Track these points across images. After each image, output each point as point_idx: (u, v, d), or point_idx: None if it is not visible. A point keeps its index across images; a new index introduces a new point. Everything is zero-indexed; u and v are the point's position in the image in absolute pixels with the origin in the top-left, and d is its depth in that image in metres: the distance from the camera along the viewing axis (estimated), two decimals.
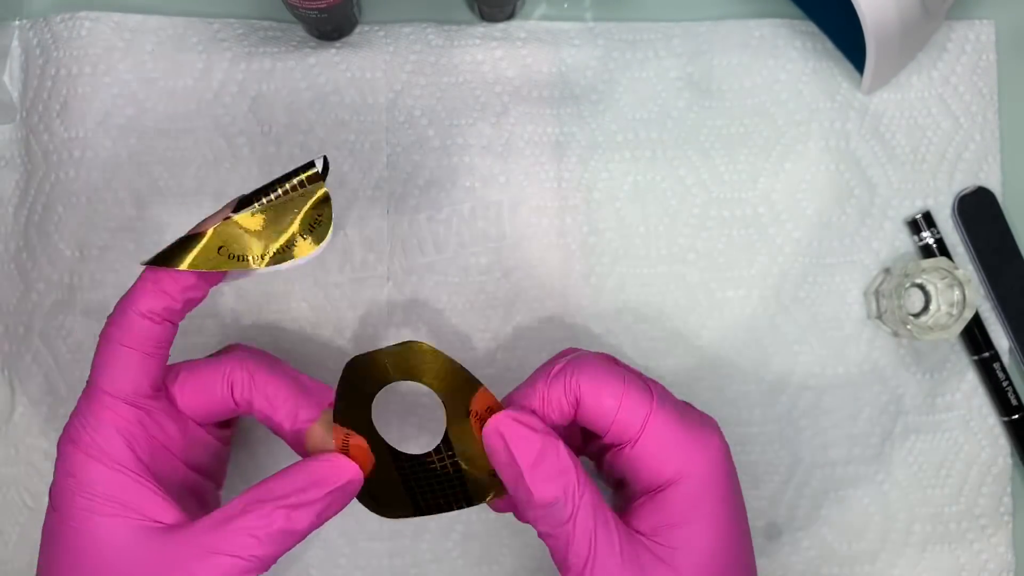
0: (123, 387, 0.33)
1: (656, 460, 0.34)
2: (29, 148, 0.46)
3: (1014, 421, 0.46)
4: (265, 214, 0.33)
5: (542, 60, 0.46)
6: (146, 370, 0.34)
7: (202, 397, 0.36)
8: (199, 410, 0.36)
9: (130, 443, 0.33)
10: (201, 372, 0.36)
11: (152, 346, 0.33)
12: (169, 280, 0.33)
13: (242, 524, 0.32)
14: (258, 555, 0.32)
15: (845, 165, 0.46)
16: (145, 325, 0.33)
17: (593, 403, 0.34)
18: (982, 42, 0.47)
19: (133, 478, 0.33)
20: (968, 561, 0.46)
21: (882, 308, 0.45)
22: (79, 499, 0.32)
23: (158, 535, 0.32)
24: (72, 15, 0.45)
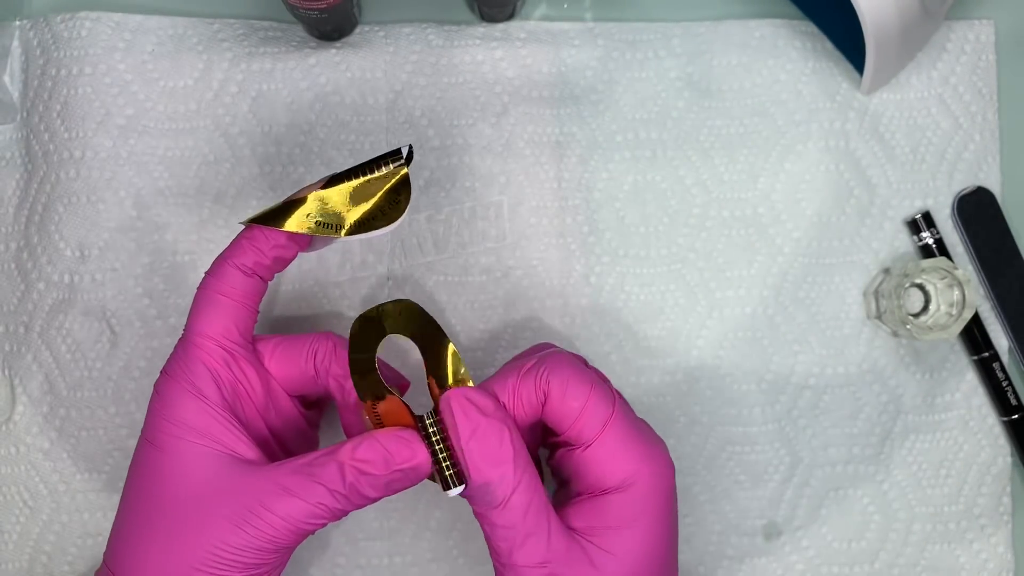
0: (213, 329, 0.36)
1: (607, 465, 0.35)
2: (29, 148, 0.46)
3: (1013, 421, 0.46)
4: (351, 190, 0.36)
5: (542, 60, 0.46)
6: (234, 317, 0.37)
7: (288, 361, 0.39)
8: (284, 373, 0.39)
9: (216, 379, 0.36)
10: (290, 340, 0.39)
11: (239, 295, 0.36)
12: (262, 237, 0.37)
13: (318, 474, 0.34)
14: (328, 505, 0.34)
15: (845, 165, 0.46)
16: (236, 275, 0.36)
17: (559, 402, 0.35)
18: (982, 42, 0.47)
19: (217, 412, 0.35)
20: (967, 561, 0.46)
21: (882, 308, 0.45)
22: (167, 424, 0.35)
23: (240, 468, 0.35)
24: (72, 15, 0.45)
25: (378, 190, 0.37)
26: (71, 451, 0.45)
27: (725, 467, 0.46)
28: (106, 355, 0.45)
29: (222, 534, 0.34)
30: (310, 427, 0.41)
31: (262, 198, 0.45)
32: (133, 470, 0.36)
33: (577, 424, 0.35)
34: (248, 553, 0.34)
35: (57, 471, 0.45)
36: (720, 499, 0.46)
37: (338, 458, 0.34)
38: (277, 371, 0.39)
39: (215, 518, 0.34)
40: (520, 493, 0.34)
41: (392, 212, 0.37)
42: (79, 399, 0.45)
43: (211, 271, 0.37)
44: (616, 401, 0.36)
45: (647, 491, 0.35)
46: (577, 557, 0.35)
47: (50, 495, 0.45)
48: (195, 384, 0.36)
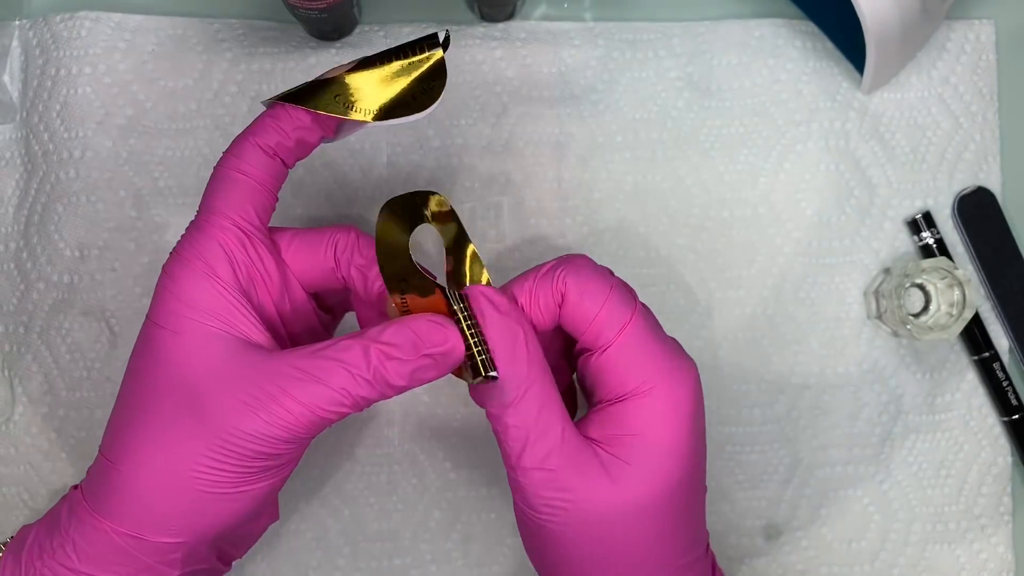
0: (231, 208, 0.34)
1: (622, 369, 0.34)
2: (29, 148, 0.46)
3: (1014, 421, 0.46)
4: (383, 75, 0.35)
5: (542, 60, 0.46)
6: (254, 199, 0.35)
7: (307, 252, 0.37)
8: (302, 265, 0.37)
9: (230, 259, 0.34)
10: (309, 233, 0.37)
11: (260, 176, 0.35)
12: (286, 116, 0.35)
13: (339, 356, 0.32)
14: (349, 390, 0.32)
15: (845, 165, 0.46)
16: (258, 154, 0.35)
17: (575, 304, 0.34)
18: (982, 42, 0.47)
19: (229, 292, 0.33)
20: (968, 561, 0.46)
21: (882, 308, 0.45)
22: (175, 304, 0.33)
23: (254, 352, 0.33)
24: (72, 15, 0.45)
25: (413, 74, 0.35)
26: (70, 451, 0.45)
27: (725, 467, 0.46)
28: (105, 355, 0.45)
29: (235, 419, 0.32)
30: (325, 331, 0.40)
31: None
32: (136, 353, 0.34)
33: (593, 327, 0.34)
34: (260, 441, 0.32)
35: (56, 471, 0.45)
36: (720, 499, 0.46)
37: (364, 340, 0.32)
38: (295, 263, 0.37)
39: (227, 401, 0.32)
40: (532, 393, 0.33)
41: (424, 99, 0.35)
42: (78, 399, 0.45)
43: (231, 149, 0.35)
44: (637, 307, 0.35)
45: (666, 397, 0.34)
46: (590, 465, 0.33)
47: (49, 495, 0.45)
48: (208, 264, 0.34)
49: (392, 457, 0.45)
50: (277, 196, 0.36)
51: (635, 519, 0.33)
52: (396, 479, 0.45)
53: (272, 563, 0.45)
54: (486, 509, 0.45)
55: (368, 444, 0.45)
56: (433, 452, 0.45)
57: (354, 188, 0.45)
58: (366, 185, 0.45)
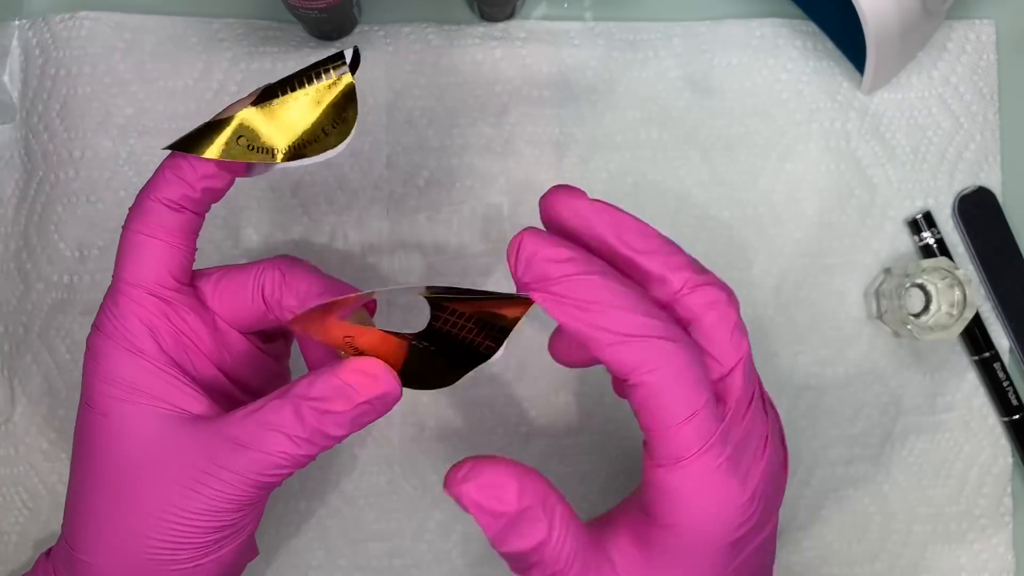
0: (143, 276, 0.32)
1: (671, 501, 0.30)
2: (29, 148, 0.45)
3: (1014, 421, 0.46)
4: (288, 105, 0.32)
5: (542, 60, 0.46)
6: (165, 260, 0.32)
7: (233, 298, 0.34)
8: (231, 312, 0.35)
9: (153, 333, 0.32)
10: (234, 273, 0.35)
11: (169, 234, 0.32)
12: (187, 167, 0.32)
13: (273, 420, 0.30)
14: (289, 452, 0.30)
15: (845, 165, 0.46)
16: (162, 211, 0.32)
17: (650, 405, 0.29)
18: (982, 42, 0.47)
19: (157, 366, 0.32)
20: (968, 561, 0.46)
21: (882, 308, 0.45)
22: (103, 386, 0.32)
23: (186, 424, 0.31)
24: (72, 15, 0.45)
25: (322, 103, 0.31)
26: (70, 452, 0.44)
27: None
28: None
29: (174, 499, 0.30)
30: (277, 362, 0.37)
31: (261, 198, 0.45)
32: (77, 437, 0.33)
33: (667, 438, 0.29)
34: (206, 516, 0.31)
35: (56, 472, 0.45)
36: None
37: (293, 399, 0.30)
38: (223, 310, 0.34)
39: (164, 483, 0.30)
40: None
41: (337, 132, 0.31)
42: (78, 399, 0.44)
43: (134, 209, 0.32)
44: (719, 432, 0.29)
45: (692, 546, 0.30)
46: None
47: (49, 496, 0.45)
48: (127, 338, 0.32)
49: (392, 458, 0.45)
50: (195, 244, 0.33)
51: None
52: (396, 480, 0.45)
53: (273, 563, 0.44)
54: None
55: (368, 445, 0.45)
56: (433, 453, 0.45)
57: (353, 188, 0.45)
58: (366, 185, 0.45)
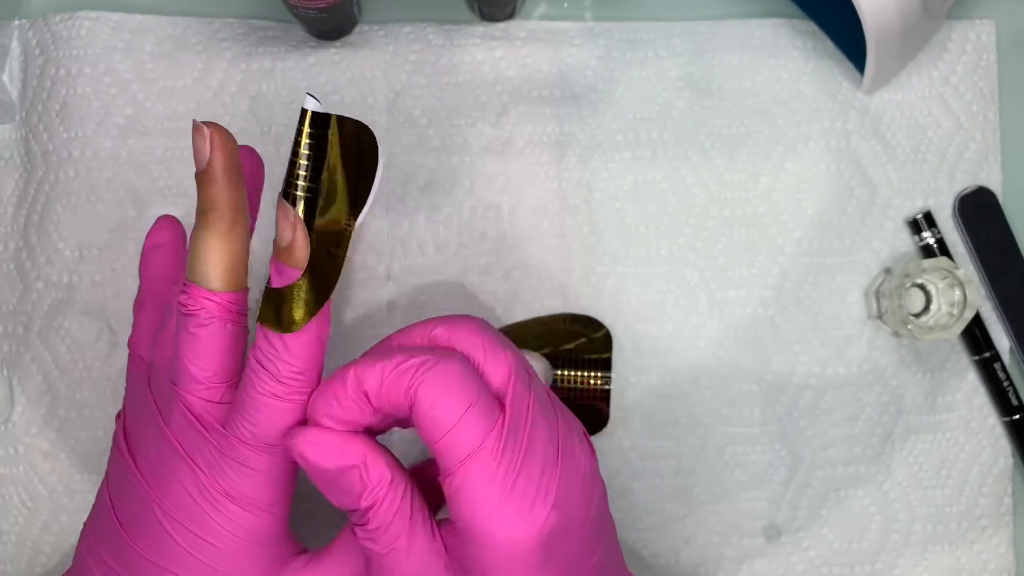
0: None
1: (458, 507, 0.31)
2: (28, 148, 0.45)
3: (1015, 421, 0.46)
4: (311, 196, 0.31)
5: (542, 60, 0.46)
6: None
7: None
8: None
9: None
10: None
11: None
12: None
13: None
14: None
15: (846, 165, 0.46)
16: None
17: (423, 415, 0.31)
18: (983, 42, 0.47)
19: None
20: (969, 561, 0.46)
21: (883, 308, 0.45)
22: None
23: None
24: (71, 15, 0.45)
25: (335, 169, 0.31)
26: (70, 452, 0.44)
27: (726, 468, 0.46)
28: (105, 355, 0.45)
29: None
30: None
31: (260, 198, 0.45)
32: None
33: (442, 444, 0.31)
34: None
35: (56, 472, 0.45)
36: (720, 500, 0.46)
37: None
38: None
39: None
40: (381, 526, 0.32)
41: (363, 182, 0.32)
42: (78, 399, 0.44)
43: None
44: (493, 434, 0.31)
45: (500, 562, 0.31)
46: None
47: (49, 496, 0.45)
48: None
49: None
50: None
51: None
52: None
53: None
54: None
55: None
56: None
57: None
58: None
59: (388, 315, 0.45)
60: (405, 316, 0.45)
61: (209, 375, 0.33)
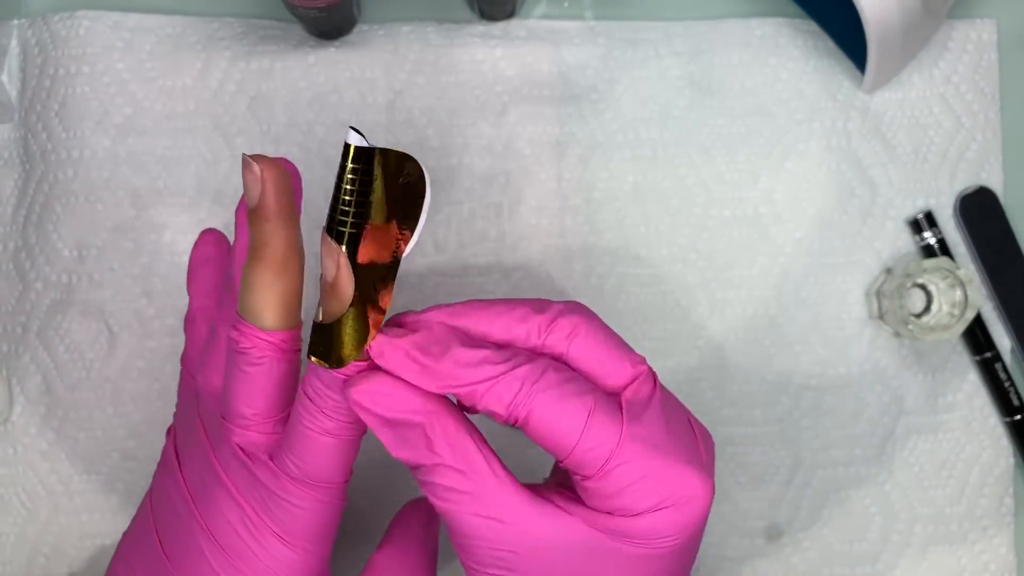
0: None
1: (612, 499, 0.30)
2: (27, 147, 0.45)
3: (1016, 422, 0.46)
4: (355, 232, 0.30)
5: (542, 59, 0.46)
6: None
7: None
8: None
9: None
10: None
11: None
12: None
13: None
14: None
15: (847, 165, 0.46)
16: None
17: (544, 436, 0.30)
18: (984, 41, 0.47)
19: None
20: (970, 562, 0.46)
21: (884, 308, 0.45)
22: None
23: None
24: (70, 14, 0.45)
25: (377, 199, 0.30)
26: (69, 452, 0.44)
27: (726, 468, 0.46)
28: (104, 356, 0.44)
29: None
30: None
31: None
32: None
33: (572, 460, 0.30)
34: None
35: (55, 472, 0.44)
36: (721, 500, 0.45)
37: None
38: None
39: None
40: (450, 480, 0.30)
41: (413, 208, 0.31)
42: (77, 400, 0.44)
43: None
44: (623, 431, 0.30)
45: (664, 526, 0.30)
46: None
47: (48, 496, 0.44)
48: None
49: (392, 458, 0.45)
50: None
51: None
52: (396, 480, 0.45)
53: None
54: None
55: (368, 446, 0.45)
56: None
57: None
58: None
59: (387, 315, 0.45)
60: None
61: (259, 412, 0.32)
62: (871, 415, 0.46)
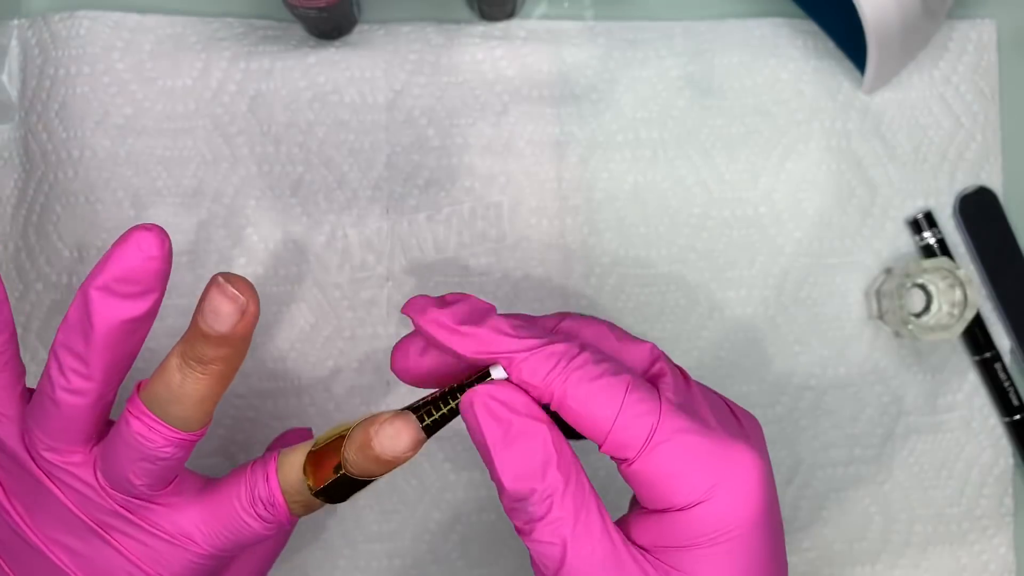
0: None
1: (661, 481, 0.28)
2: (27, 148, 0.45)
3: (1015, 422, 0.46)
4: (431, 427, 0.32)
5: (542, 59, 0.46)
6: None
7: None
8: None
9: None
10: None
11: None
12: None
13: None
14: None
15: (846, 165, 0.46)
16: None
17: (580, 418, 0.29)
18: (983, 41, 0.47)
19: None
20: (969, 562, 0.46)
21: (883, 308, 0.45)
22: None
23: None
24: (71, 14, 0.45)
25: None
26: None
27: None
28: None
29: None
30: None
31: (260, 198, 0.45)
32: None
33: (609, 443, 0.29)
34: None
35: None
36: None
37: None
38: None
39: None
40: (563, 507, 0.28)
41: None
42: None
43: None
44: (662, 407, 0.29)
45: (726, 507, 0.28)
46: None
47: None
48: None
49: None
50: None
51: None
52: (396, 480, 0.45)
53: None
54: (486, 510, 0.45)
55: None
56: (433, 453, 0.45)
57: (353, 188, 0.45)
58: (366, 185, 0.45)
59: (388, 315, 0.45)
60: (405, 316, 0.45)
61: (149, 485, 0.32)
62: (871, 415, 0.46)
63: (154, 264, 0.29)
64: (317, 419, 0.45)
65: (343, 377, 0.45)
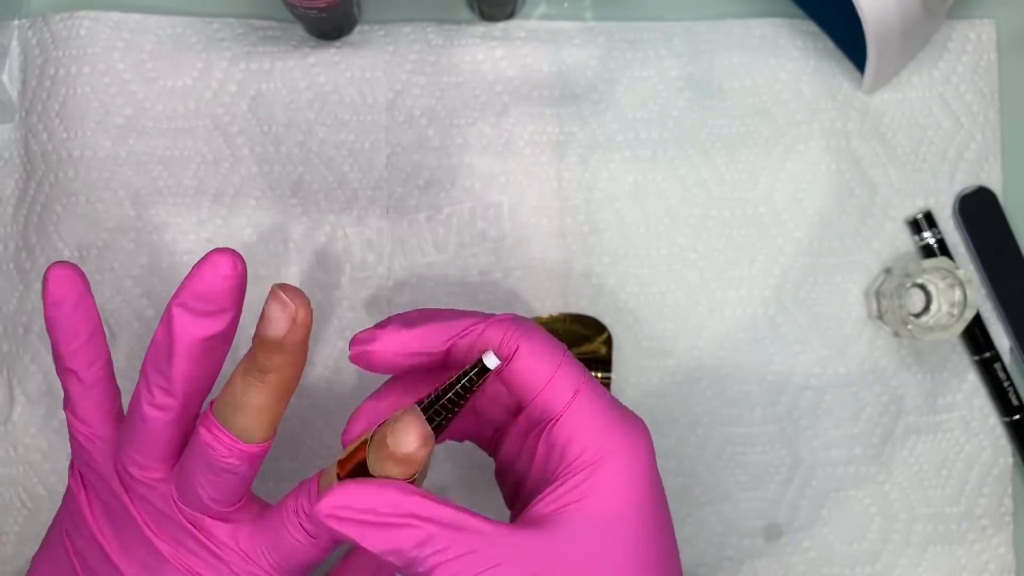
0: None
1: (579, 438, 0.32)
2: (28, 148, 0.45)
3: (1015, 422, 0.46)
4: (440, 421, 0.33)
5: (542, 60, 0.46)
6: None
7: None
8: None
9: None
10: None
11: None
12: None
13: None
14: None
15: (846, 165, 0.46)
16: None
17: (528, 362, 0.33)
18: (983, 41, 0.47)
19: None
20: (969, 562, 0.46)
21: (883, 308, 0.45)
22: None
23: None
24: (71, 14, 0.45)
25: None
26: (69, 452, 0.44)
27: (726, 468, 0.46)
28: None
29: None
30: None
31: (260, 198, 0.45)
32: None
33: (547, 391, 0.32)
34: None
35: (55, 472, 0.45)
36: (721, 500, 0.46)
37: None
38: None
39: None
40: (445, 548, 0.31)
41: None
42: None
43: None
44: (585, 370, 0.33)
45: (624, 467, 0.32)
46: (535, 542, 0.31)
47: (48, 496, 0.45)
48: None
49: None
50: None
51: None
52: None
53: None
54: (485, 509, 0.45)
55: None
56: (433, 453, 0.45)
57: (353, 188, 0.45)
58: (366, 185, 0.45)
59: (388, 315, 0.45)
60: None
61: (222, 503, 0.33)
62: (870, 415, 0.46)
63: (227, 283, 0.31)
64: (318, 420, 0.45)
65: (344, 377, 0.45)
